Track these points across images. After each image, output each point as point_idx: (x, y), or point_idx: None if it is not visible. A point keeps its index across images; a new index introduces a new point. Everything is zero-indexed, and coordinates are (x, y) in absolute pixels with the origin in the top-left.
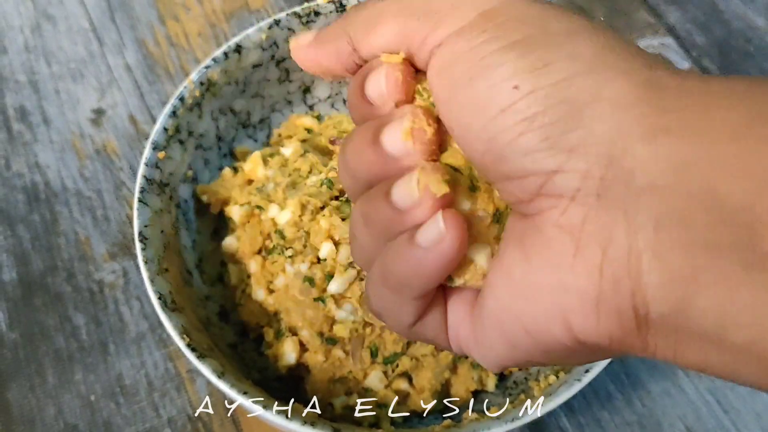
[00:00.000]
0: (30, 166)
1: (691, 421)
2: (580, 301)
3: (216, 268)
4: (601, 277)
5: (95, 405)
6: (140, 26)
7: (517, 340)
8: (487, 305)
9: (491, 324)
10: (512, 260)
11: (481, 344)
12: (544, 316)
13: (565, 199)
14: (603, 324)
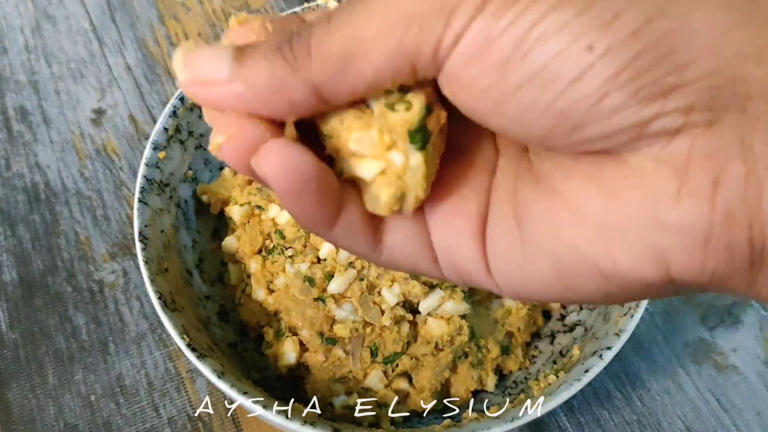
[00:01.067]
0: (30, 167)
1: (690, 420)
2: (683, 239)
3: (216, 268)
4: (712, 210)
5: (95, 405)
6: (140, 26)
7: (578, 278)
8: (538, 241)
9: (539, 260)
10: (584, 196)
11: (505, 275)
12: (632, 257)
13: (667, 136)
14: (709, 262)
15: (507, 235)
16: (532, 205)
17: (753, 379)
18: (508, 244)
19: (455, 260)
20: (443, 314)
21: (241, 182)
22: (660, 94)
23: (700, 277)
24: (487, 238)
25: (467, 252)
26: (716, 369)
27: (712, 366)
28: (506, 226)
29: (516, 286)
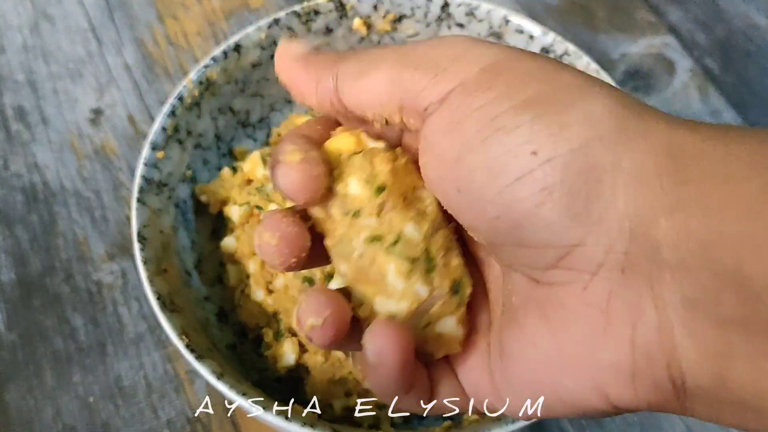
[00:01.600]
0: (28, 167)
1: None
2: (615, 375)
3: (215, 268)
4: (633, 351)
5: (94, 406)
6: (139, 25)
7: (549, 403)
8: (513, 373)
9: (520, 388)
10: (536, 332)
11: (508, 402)
12: (578, 387)
13: (587, 273)
14: (641, 394)
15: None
16: (507, 340)
17: None
18: (502, 382)
19: (480, 396)
20: None
21: (239, 182)
22: (586, 223)
23: (637, 405)
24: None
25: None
26: None
27: None
28: (496, 364)
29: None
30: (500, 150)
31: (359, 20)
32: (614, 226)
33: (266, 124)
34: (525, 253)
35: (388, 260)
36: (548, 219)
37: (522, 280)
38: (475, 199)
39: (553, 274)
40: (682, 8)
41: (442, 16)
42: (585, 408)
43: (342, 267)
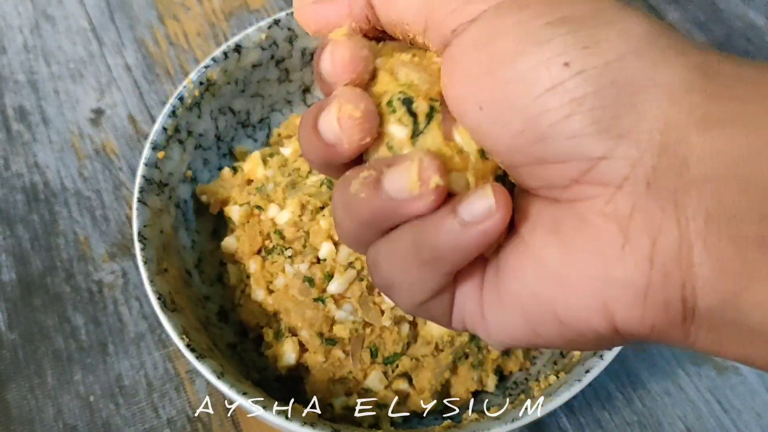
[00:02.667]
0: (29, 166)
1: (691, 421)
2: (626, 293)
3: (215, 268)
4: (650, 268)
5: (94, 406)
6: (139, 26)
7: (541, 324)
8: (509, 288)
9: (511, 306)
10: (545, 247)
11: (490, 322)
12: (582, 305)
13: (611, 187)
14: (648, 315)
15: (491, 288)
16: (506, 257)
17: (753, 381)
18: (491, 296)
19: (463, 312)
20: None
21: (240, 182)
22: (614, 135)
23: (641, 328)
24: (483, 293)
25: (471, 307)
26: (716, 370)
27: (712, 367)
28: (491, 280)
29: (497, 333)
30: (532, 62)
31: None
32: (644, 139)
33: (266, 125)
34: (545, 171)
35: None
36: (576, 130)
37: (538, 201)
38: (501, 113)
39: (575, 190)
40: (681, 8)
41: None
42: (581, 330)
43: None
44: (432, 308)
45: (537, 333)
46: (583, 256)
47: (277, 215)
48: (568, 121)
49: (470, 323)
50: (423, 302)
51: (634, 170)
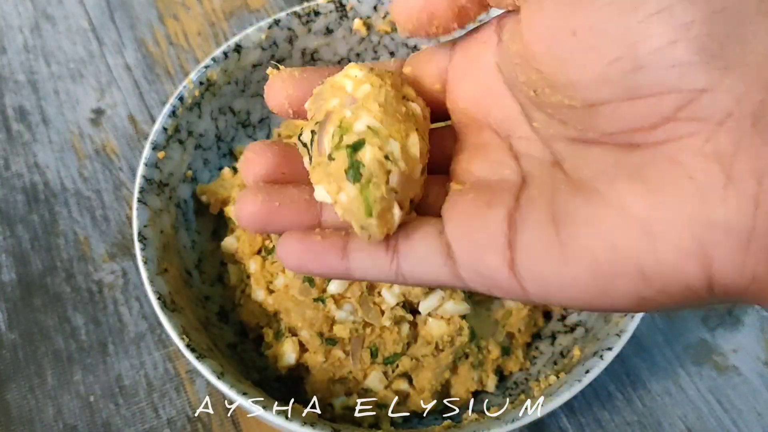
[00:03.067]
0: (29, 167)
1: (691, 421)
2: (727, 237)
3: (216, 268)
4: (756, 210)
5: (94, 406)
6: (140, 26)
7: (617, 279)
8: (578, 242)
9: (578, 260)
10: (628, 195)
11: (539, 279)
12: (675, 253)
13: (711, 123)
14: (750, 262)
15: (542, 242)
16: (574, 210)
17: (754, 380)
18: (543, 250)
19: (480, 271)
20: (443, 315)
21: (240, 182)
22: (720, 66)
23: (740, 279)
24: (516, 246)
25: (492, 262)
26: (717, 370)
27: (713, 367)
28: (542, 234)
29: (549, 290)
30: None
31: (359, 21)
32: (752, 73)
33: (266, 125)
34: (633, 108)
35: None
36: (679, 58)
37: (599, 152)
38: (596, 39)
39: (666, 129)
40: None
41: None
42: (669, 284)
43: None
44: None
45: (606, 290)
46: (677, 200)
47: None
48: (672, 48)
49: (492, 282)
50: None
51: (739, 105)
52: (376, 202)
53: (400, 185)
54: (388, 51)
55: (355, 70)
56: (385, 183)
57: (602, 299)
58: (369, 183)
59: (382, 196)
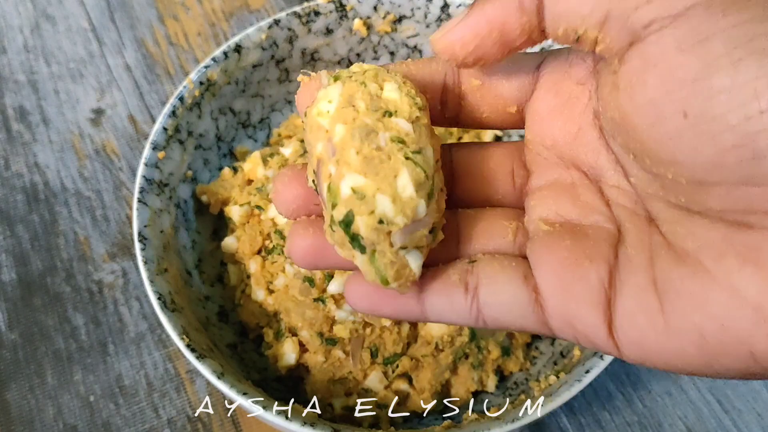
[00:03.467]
0: (29, 166)
1: (691, 421)
2: None
3: (216, 268)
4: None
5: (95, 405)
6: (140, 26)
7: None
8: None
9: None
10: (740, 278)
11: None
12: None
13: None
14: None
15: (645, 310)
16: (679, 283)
17: (754, 381)
18: (646, 320)
19: (574, 324)
20: None
21: (240, 182)
22: None
23: None
24: (616, 307)
25: (588, 318)
26: None
27: None
28: (643, 300)
29: (648, 356)
30: (755, 73)
31: (359, 21)
32: None
33: (267, 125)
34: (748, 193)
35: (407, 163)
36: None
37: (706, 224)
38: (710, 125)
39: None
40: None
41: (441, 17)
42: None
43: (351, 153)
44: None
45: (710, 364)
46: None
47: (277, 215)
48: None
49: (585, 337)
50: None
51: None
52: (387, 268)
53: (407, 238)
54: (388, 51)
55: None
56: (389, 247)
57: (705, 370)
58: (374, 253)
59: (391, 260)
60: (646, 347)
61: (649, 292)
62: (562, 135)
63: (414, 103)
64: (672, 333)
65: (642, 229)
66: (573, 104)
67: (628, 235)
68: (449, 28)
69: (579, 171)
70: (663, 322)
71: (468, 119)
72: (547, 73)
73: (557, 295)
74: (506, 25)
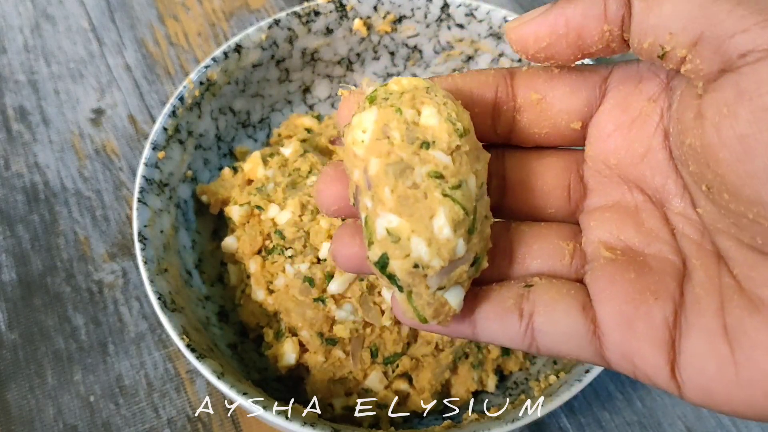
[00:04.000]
0: (29, 166)
1: (691, 421)
2: None
3: (216, 268)
4: None
5: (95, 406)
6: (140, 26)
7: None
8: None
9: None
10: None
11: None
12: None
13: None
14: None
15: (714, 356)
16: (753, 331)
17: None
18: (714, 366)
19: (634, 361)
20: None
21: (240, 182)
22: None
23: None
24: (681, 348)
25: (650, 358)
26: None
27: None
28: (713, 345)
29: (713, 402)
30: None
31: (359, 21)
32: None
33: (266, 125)
34: None
35: (444, 202)
36: None
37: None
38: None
39: None
40: None
41: (441, 17)
42: None
43: (386, 191)
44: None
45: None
46: None
47: (278, 215)
48: None
49: (645, 376)
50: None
51: None
52: (424, 309)
53: (444, 279)
54: (388, 51)
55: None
56: (425, 289)
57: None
58: (411, 294)
59: (428, 302)
60: (712, 393)
61: (718, 337)
62: (628, 154)
63: (455, 129)
64: (743, 383)
65: (710, 267)
66: (643, 122)
67: (696, 273)
68: (526, 20)
69: (643, 194)
70: (734, 371)
71: (523, 136)
72: (615, 86)
73: (618, 331)
74: (585, 30)
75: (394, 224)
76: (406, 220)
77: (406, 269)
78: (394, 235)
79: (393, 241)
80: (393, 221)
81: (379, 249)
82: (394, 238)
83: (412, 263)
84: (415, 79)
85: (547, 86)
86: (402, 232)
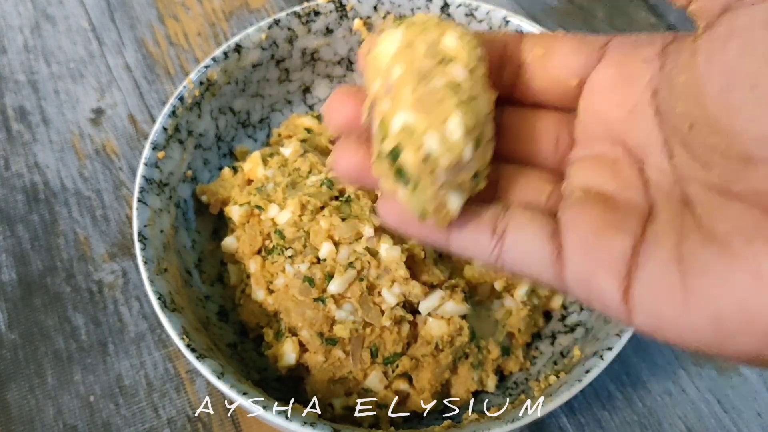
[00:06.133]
0: (29, 166)
1: (691, 421)
2: None
3: (216, 268)
4: None
5: (95, 406)
6: (140, 26)
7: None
8: (704, 292)
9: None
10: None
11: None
12: None
13: None
14: None
15: (665, 283)
16: (705, 262)
17: (754, 381)
18: (664, 291)
19: (589, 284)
20: (443, 315)
21: (240, 182)
22: None
23: None
24: (636, 276)
25: (605, 281)
26: (717, 370)
27: (713, 367)
28: (665, 274)
29: (661, 328)
30: None
31: (359, 21)
32: None
33: (266, 125)
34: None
35: (458, 108)
36: None
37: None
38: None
39: None
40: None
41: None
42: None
43: (406, 91)
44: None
45: (723, 343)
46: None
47: (277, 215)
48: None
49: (599, 300)
50: None
51: None
52: (427, 203)
53: (450, 177)
54: None
55: (386, 44)
56: (431, 183)
57: (717, 349)
58: (416, 186)
59: (432, 196)
60: (660, 318)
61: (671, 266)
62: (616, 109)
63: (474, 51)
64: (689, 307)
65: (675, 211)
66: (634, 80)
67: (660, 215)
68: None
69: (624, 148)
70: (682, 295)
71: (524, 91)
72: (613, 49)
73: (579, 256)
74: None
75: (411, 120)
76: (422, 117)
77: (417, 159)
78: (410, 129)
79: (408, 134)
80: (410, 118)
81: (393, 141)
82: (409, 132)
83: (423, 155)
84: (437, 16)
85: (552, 43)
86: (417, 127)
